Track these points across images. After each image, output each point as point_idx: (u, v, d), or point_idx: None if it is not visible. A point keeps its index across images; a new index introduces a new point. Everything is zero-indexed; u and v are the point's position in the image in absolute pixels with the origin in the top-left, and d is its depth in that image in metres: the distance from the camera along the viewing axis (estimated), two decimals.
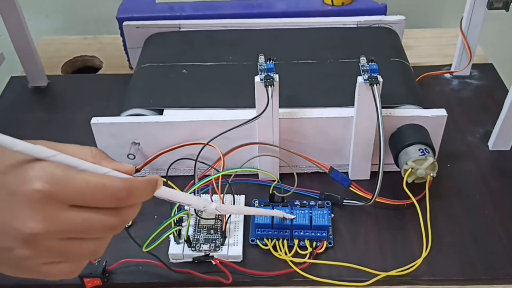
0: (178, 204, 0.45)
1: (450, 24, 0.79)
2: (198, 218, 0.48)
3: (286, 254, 0.46)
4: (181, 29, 0.65)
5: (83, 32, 0.82)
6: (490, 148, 0.57)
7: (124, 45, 0.68)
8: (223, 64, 0.59)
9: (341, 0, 0.68)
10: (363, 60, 0.47)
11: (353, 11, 0.67)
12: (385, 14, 0.66)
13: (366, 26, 0.65)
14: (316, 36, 0.63)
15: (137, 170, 0.53)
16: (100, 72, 0.73)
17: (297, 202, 0.50)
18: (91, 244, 0.32)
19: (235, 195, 0.50)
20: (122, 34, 0.67)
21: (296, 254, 0.47)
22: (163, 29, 0.65)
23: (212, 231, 0.47)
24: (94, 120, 0.51)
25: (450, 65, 0.68)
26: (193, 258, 0.46)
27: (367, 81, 0.46)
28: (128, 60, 0.70)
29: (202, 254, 0.46)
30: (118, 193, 0.31)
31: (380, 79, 0.46)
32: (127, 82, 0.60)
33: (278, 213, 0.46)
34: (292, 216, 0.47)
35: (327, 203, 0.50)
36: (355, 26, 0.65)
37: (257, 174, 0.54)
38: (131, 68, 0.70)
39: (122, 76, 0.68)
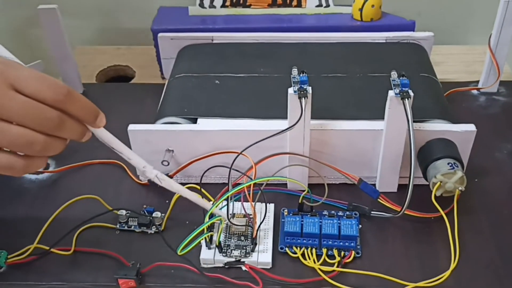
0: (210, 211, 0.47)
1: (477, 41, 0.80)
2: (229, 224, 0.49)
3: (314, 262, 0.47)
4: (214, 41, 0.67)
5: (116, 42, 0.84)
6: None
7: (158, 55, 0.70)
8: (254, 76, 0.61)
9: (370, 16, 0.69)
10: (394, 74, 0.48)
11: (382, 27, 0.68)
12: (414, 30, 0.68)
13: (395, 41, 0.66)
14: (345, 50, 0.65)
15: (170, 177, 0.55)
16: (132, 81, 0.76)
17: (325, 212, 0.51)
18: (25, 132, 0.36)
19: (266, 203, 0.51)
20: (156, 45, 0.69)
21: (324, 263, 0.47)
22: (196, 41, 0.67)
23: (242, 238, 0.48)
24: (131, 127, 0.52)
25: (477, 81, 0.68)
26: (224, 263, 0.47)
27: (399, 95, 0.47)
28: (161, 70, 0.72)
29: (233, 259, 0.47)
30: (59, 87, 0.36)
31: (411, 93, 0.47)
32: (159, 91, 0.62)
33: (206, 204, 0.47)
34: (222, 212, 0.47)
35: (355, 214, 0.51)
36: (384, 41, 0.66)
37: (285, 184, 0.55)
38: (163, 78, 0.72)
39: (154, 85, 0.70)
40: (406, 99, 0.46)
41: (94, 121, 0.41)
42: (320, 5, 0.71)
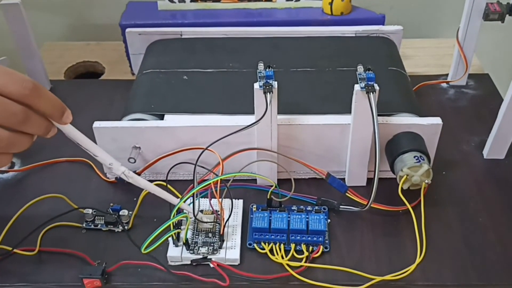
0: (177, 207, 0.46)
1: (447, 34, 0.81)
2: (196, 221, 0.49)
3: (282, 258, 0.47)
4: (183, 36, 0.66)
5: (86, 38, 0.83)
6: (484, 157, 0.58)
7: (127, 51, 0.69)
8: (223, 71, 0.60)
9: (340, 9, 0.69)
10: (360, 68, 0.48)
11: (352, 20, 0.68)
12: (383, 24, 0.68)
13: (364, 35, 0.66)
14: (315, 44, 0.64)
15: (137, 174, 0.54)
16: (102, 77, 0.74)
17: (294, 207, 0.51)
18: None
19: (234, 200, 0.51)
20: (124, 41, 0.68)
21: (293, 258, 0.47)
22: (165, 36, 0.66)
23: (210, 235, 0.48)
24: (96, 124, 0.51)
25: (447, 75, 0.69)
26: (191, 261, 0.47)
27: (364, 89, 0.47)
28: (130, 66, 0.71)
29: (200, 256, 0.47)
30: (25, 82, 0.35)
31: (376, 87, 0.47)
32: (129, 88, 0.61)
33: (174, 200, 0.47)
34: (189, 208, 0.47)
35: (324, 209, 0.51)
36: (354, 35, 0.66)
37: (255, 179, 0.54)
38: (133, 74, 0.71)
39: (124, 81, 0.70)
40: (371, 93, 0.46)
41: (61, 117, 0.40)
42: None
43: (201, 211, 0.50)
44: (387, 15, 0.68)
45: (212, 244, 0.47)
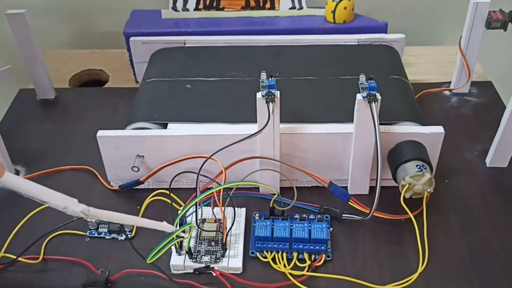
0: (180, 216, 0.47)
1: (449, 41, 0.81)
2: (199, 230, 0.49)
3: (285, 266, 0.47)
4: (186, 45, 0.67)
5: (90, 46, 0.84)
6: (487, 165, 0.58)
7: (131, 59, 0.70)
8: (226, 79, 0.60)
9: (343, 18, 0.69)
10: (362, 77, 0.49)
11: (355, 29, 0.69)
12: (386, 32, 0.68)
13: (367, 43, 0.66)
14: (317, 53, 0.65)
15: (141, 182, 0.55)
16: (106, 85, 0.75)
17: (296, 216, 0.51)
18: None
19: (236, 208, 0.51)
20: (128, 49, 0.68)
21: (295, 267, 0.47)
22: (169, 45, 0.67)
23: (213, 243, 0.48)
24: (100, 133, 0.52)
25: (450, 82, 0.69)
26: (194, 269, 0.47)
27: (366, 99, 0.47)
28: (134, 74, 0.72)
29: (203, 265, 0.47)
30: None
31: (378, 96, 0.47)
32: (133, 96, 0.61)
33: (160, 225, 0.44)
34: (174, 228, 0.45)
35: (326, 217, 0.51)
36: (356, 43, 0.66)
37: (258, 188, 0.55)
38: (137, 82, 0.72)
39: (128, 89, 0.70)
40: (373, 103, 0.46)
41: None
42: (293, 8, 0.71)
43: (204, 219, 0.50)
44: (389, 22, 0.69)
45: (214, 253, 0.48)
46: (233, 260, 0.47)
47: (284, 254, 0.48)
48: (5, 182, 0.34)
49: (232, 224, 0.48)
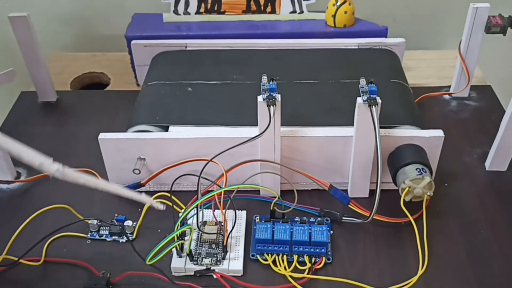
0: (181, 219, 0.47)
1: (449, 45, 0.81)
2: (200, 232, 0.49)
3: (285, 269, 0.47)
4: (188, 48, 0.67)
5: (92, 49, 0.84)
6: (487, 169, 0.58)
7: (132, 62, 0.70)
8: (227, 83, 0.61)
9: (343, 22, 0.70)
10: (362, 81, 0.49)
11: (355, 33, 0.69)
12: (386, 36, 0.68)
13: (367, 47, 0.67)
14: (318, 57, 0.65)
15: (142, 185, 0.55)
16: (107, 88, 0.75)
17: (297, 219, 0.51)
18: None
19: (237, 211, 0.51)
20: (130, 52, 0.69)
21: (296, 270, 0.48)
22: (170, 48, 0.67)
23: (213, 246, 0.48)
24: (102, 135, 0.52)
25: (449, 86, 0.69)
26: (195, 272, 0.47)
27: (366, 102, 0.47)
28: (135, 77, 0.72)
29: (204, 267, 0.47)
30: None
31: (378, 100, 0.47)
32: (134, 99, 0.62)
33: (140, 197, 0.44)
34: (161, 206, 0.45)
35: (327, 220, 0.51)
36: (356, 47, 0.67)
37: (259, 191, 0.55)
38: (138, 85, 0.72)
39: (129, 92, 0.70)
40: (374, 106, 0.47)
41: None
42: (294, 12, 0.71)
43: (205, 222, 0.50)
44: (389, 27, 0.69)
45: (215, 255, 0.48)
46: (233, 263, 0.47)
47: (285, 256, 0.48)
48: None
49: (233, 227, 0.48)
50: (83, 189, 0.56)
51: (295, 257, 0.48)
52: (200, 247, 0.48)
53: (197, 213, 0.48)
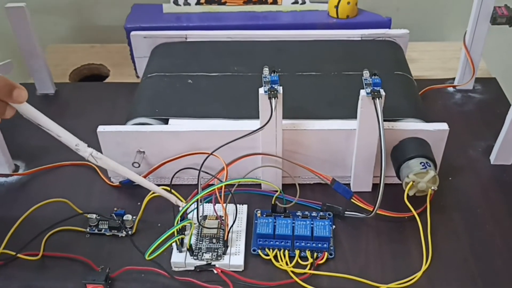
0: (181, 213, 0.46)
1: (453, 37, 0.80)
2: (200, 227, 0.48)
3: (287, 264, 0.47)
4: (188, 40, 0.66)
5: (91, 40, 0.83)
6: (491, 162, 0.57)
7: (131, 54, 0.69)
8: (228, 75, 0.60)
9: (346, 13, 0.68)
10: (366, 73, 0.48)
11: (358, 24, 0.68)
12: (389, 28, 0.67)
13: (370, 39, 0.66)
14: (320, 48, 0.64)
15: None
16: (107, 80, 0.74)
17: (299, 213, 0.51)
18: None
19: (238, 205, 0.51)
20: (129, 44, 0.68)
21: (297, 265, 0.47)
22: (170, 39, 0.66)
23: (214, 240, 0.48)
24: (100, 128, 0.51)
25: (453, 78, 0.68)
26: (195, 267, 0.46)
27: (370, 95, 0.46)
28: (135, 69, 0.71)
29: (204, 263, 0.46)
30: None
31: (382, 93, 0.46)
32: (133, 91, 0.61)
33: (166, 194, 0.47)
34: (180, 203, 0.47)
35: (329, 214, 0.51)
36: (360, 39, 0.66)
37: (260, 185, 0.54)
38: (138, 76, 0.71)
39: (128, 84, 0.70)
40: (377, 99, 0.46)
41: (10, 95, 0.40)
42: (296, 2, 0.70)
43: (205, 216, 0.50)
44: (393, 18, 0.68)
45: (216, 250, 0.47)
46: (234, 258, 0.47)
47: (286, 251, 0.48)
48: (23, 110, 0.39)
49: (234, 221, 0.48)
50: (82, 182, 0.56)
51: (297, 252, 0.47)
52: (201, 242, 0.48)
53: (197, 207, 0.47)
